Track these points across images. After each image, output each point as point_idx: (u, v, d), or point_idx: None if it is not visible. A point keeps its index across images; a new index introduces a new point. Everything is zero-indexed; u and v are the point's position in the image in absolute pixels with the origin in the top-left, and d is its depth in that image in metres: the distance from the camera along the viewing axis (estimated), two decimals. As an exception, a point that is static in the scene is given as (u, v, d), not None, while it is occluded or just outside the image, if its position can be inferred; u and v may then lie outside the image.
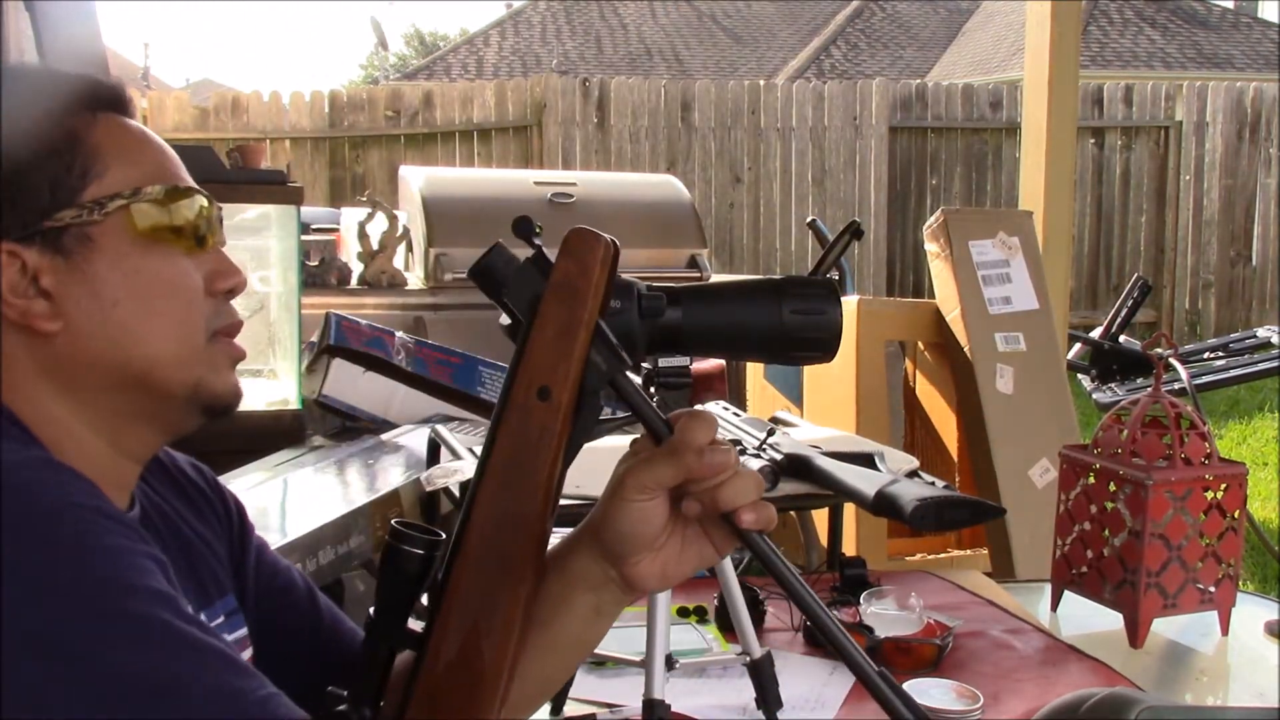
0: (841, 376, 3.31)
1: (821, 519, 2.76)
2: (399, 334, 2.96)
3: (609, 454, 0.87)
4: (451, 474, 1.99)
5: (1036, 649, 1.76)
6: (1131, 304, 4.63)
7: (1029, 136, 3.68)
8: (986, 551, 3.29)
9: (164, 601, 0.77)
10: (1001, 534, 3.13)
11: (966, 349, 3.28)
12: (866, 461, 1.73)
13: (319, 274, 3.80)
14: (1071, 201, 3.74)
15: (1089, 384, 4.58)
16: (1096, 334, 4.67)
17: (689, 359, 1.06)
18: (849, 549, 2.48)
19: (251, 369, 3.16)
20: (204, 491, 1.05)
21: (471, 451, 2.07)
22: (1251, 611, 1.90)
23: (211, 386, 0.92)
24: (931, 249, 3.42)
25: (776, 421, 2.21)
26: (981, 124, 9.62)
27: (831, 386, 3.39)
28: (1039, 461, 3.17)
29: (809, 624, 1.75)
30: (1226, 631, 1.82)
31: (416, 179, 4.17)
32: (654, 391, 1.19)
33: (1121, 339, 4.61)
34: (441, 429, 2.32)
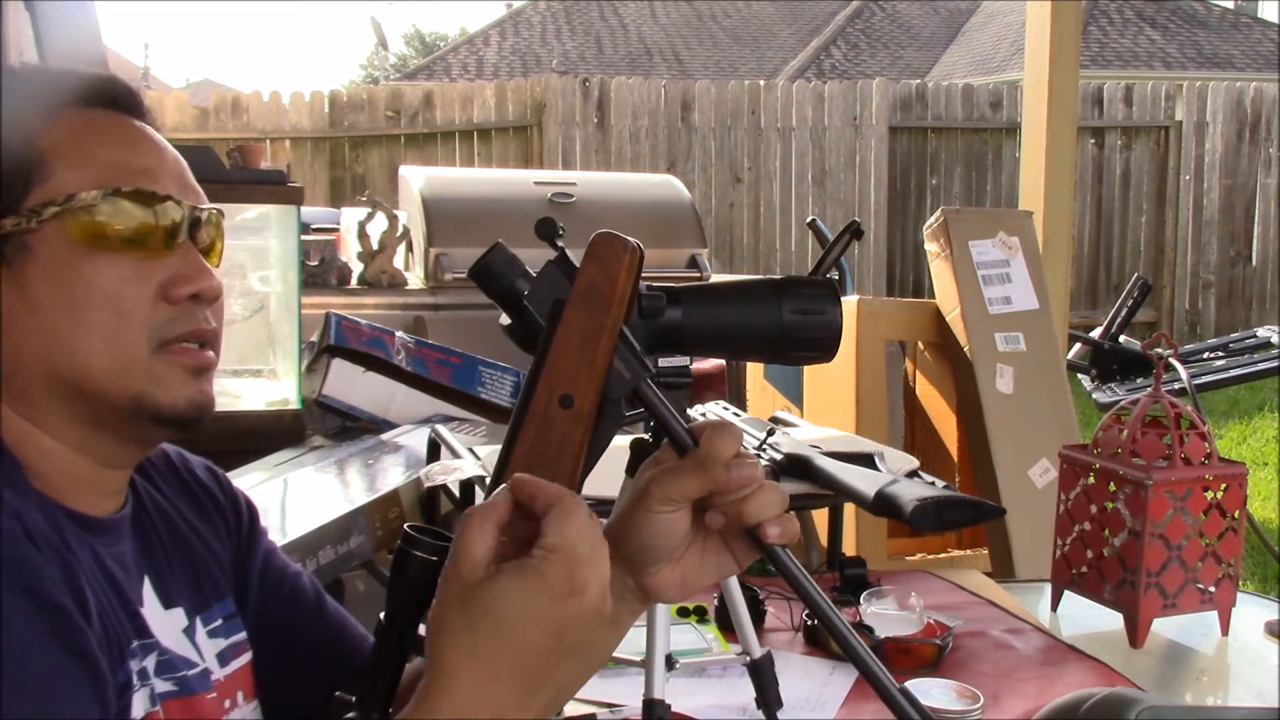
0: (841, 376, 3.31)
1: (821, 519, 2.75)
2: (399, 334, 2.96)
3: (608, 454, 0.87)
4: (450, 471, 1.99)
5: (1036, 649, 1.75)
6: (1131, 304, 4.63)
7: (1029, 137, 3.68)
8: (986, 551, 3.29)
9: None
10: (1001, 534, 3.13)
11: (966, 349, 3.28)
12: (866, 461, 1.73)
13: (319, 274, 3.79)
14: (1071, 201, 3.74)
15: (1089, 384, 4.58)
16: (1096, 334, 4.67)
17: (689, 359, 1.06)
18: (849, 549, 2.48)
19: (251, 369, 3.16)
20: (213, 494, 1.05)
21: (471, 451, 2.07)
22: (1251, 611, 1.90)
23: (154, 399, 0.88)
24: (931, 249, 3.41)
25: (776, 421, 2.21)
26: (981, 124, 9.63)
27: (831, 386, 3.39)
28: (1039, 461, 3.17)
29: (810, 624, 1.75)
30: (1226, 631, 1.82)
31: (416, 179, 4.17)
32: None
33: (1121, 339, 4.61)
34: (441, 429, 2.32)
